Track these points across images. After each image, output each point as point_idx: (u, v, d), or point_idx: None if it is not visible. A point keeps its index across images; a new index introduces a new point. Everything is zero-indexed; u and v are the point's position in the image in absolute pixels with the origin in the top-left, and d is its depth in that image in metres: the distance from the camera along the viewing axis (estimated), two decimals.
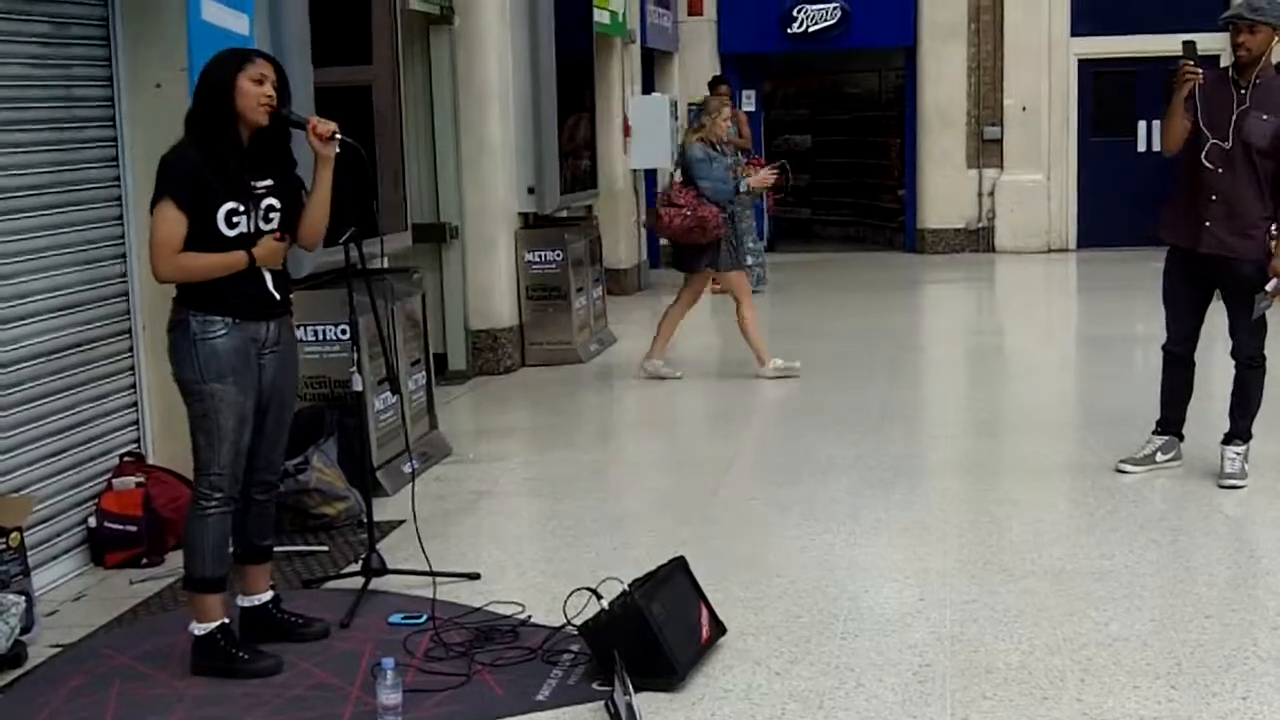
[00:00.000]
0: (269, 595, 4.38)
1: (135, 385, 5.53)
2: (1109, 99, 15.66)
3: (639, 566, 4.42)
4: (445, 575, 4.80)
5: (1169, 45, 7.26)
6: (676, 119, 13.32)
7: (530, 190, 9.39)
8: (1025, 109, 15.55)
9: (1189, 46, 5.60)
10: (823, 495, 5.94)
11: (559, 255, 9.44)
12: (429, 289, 7.58)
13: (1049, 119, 15.54)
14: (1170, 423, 6.08)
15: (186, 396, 4.03)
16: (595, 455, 7.09)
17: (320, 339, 6.00)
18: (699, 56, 15.76)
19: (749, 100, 16.08)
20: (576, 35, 10.45)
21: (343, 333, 5.87)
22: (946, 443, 7.06)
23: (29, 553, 4.57)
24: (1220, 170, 5.62)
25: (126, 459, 5.38)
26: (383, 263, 6.52)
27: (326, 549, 5.37)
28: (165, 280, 4.02)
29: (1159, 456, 6.06)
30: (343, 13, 6.53)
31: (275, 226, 4.09)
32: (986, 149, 15.74)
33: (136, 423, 5.55)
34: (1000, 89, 15.63)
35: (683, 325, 9.02)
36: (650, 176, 14.20)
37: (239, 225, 3.99)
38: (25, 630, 4.30)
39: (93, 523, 5.18)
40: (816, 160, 18.77)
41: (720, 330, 11.63)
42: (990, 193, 15.73)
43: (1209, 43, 7.24)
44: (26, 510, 4.65)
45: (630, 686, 3.70)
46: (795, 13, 15.86)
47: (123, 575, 5.09)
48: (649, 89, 14.15)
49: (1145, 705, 3.73)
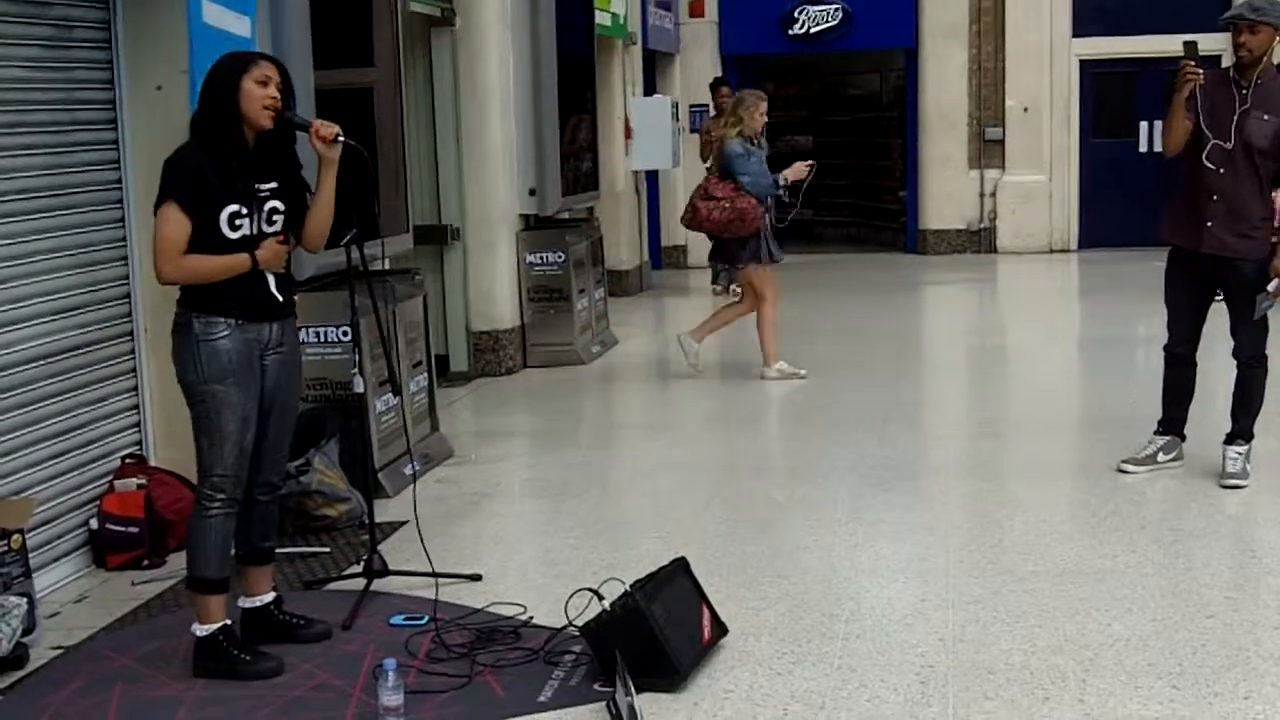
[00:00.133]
0: (271, 596, 4.38)
1: (137, 387, 5.53)
2: (1110, 100, 15.66)
3: (640, 567, 4.43)
4: (447, 576, 4.81)
5: (1170, 46, 7.26)
6: (678, 120, 13.32)
7: (531, 192, 9.39)
8: (1026, 110, 15.54)
9: (1190, 47, 5.60)
10: (825, 496, 5.94)
11: (560, 257, 9.44)
12: (430, 291, 7.58)
13: (1050, 120, 15.54)
14: (1172, 423, 6.08)
15: (189, 398, 4.04)
16: (597, 456, 7.10)
17: (322, 340, 6.01)
18: (700, 58, 15.77)
19: None
20: (578, 37, 10.45)
21: (344, 334, 5.88)
22: (948, 443, 7.06)
23: (30, 554, 4.57)
24: (1221, 170, 5.62)
25: (128, 461, 5.38)
26: (384, 264, 6.51)
27: (328, 550, 5.38)
28: (168, 282, 4.03)
29: (1161, 456, 6.06)
30: (344, 15, 6.53)
31: (278, 229, 4.10)
32: (988, 150, 15.73)
33: (138, 425, 5.55)
34: (1001, 90, 15.63)
35: (692, 324, 9.05)
36: (652, 178, 14.21)
37: (241, 228, 4.00)
38: (27, 632, 4.30)
39: (94, 524, 5.19)
40: (818, 161, 18.75)
41: (721, 330, 11.63)
42: (992, 193, 15.73)
43: (1210, 43, 7.25)
44: (28, 512, 4.65)
45: (632, 687, 3.70)
46: (796, 14, 15.86)
47: (124, 577, 5.09)
48: (650, 90, 14.16)
49: (1147, 705, 3.72)
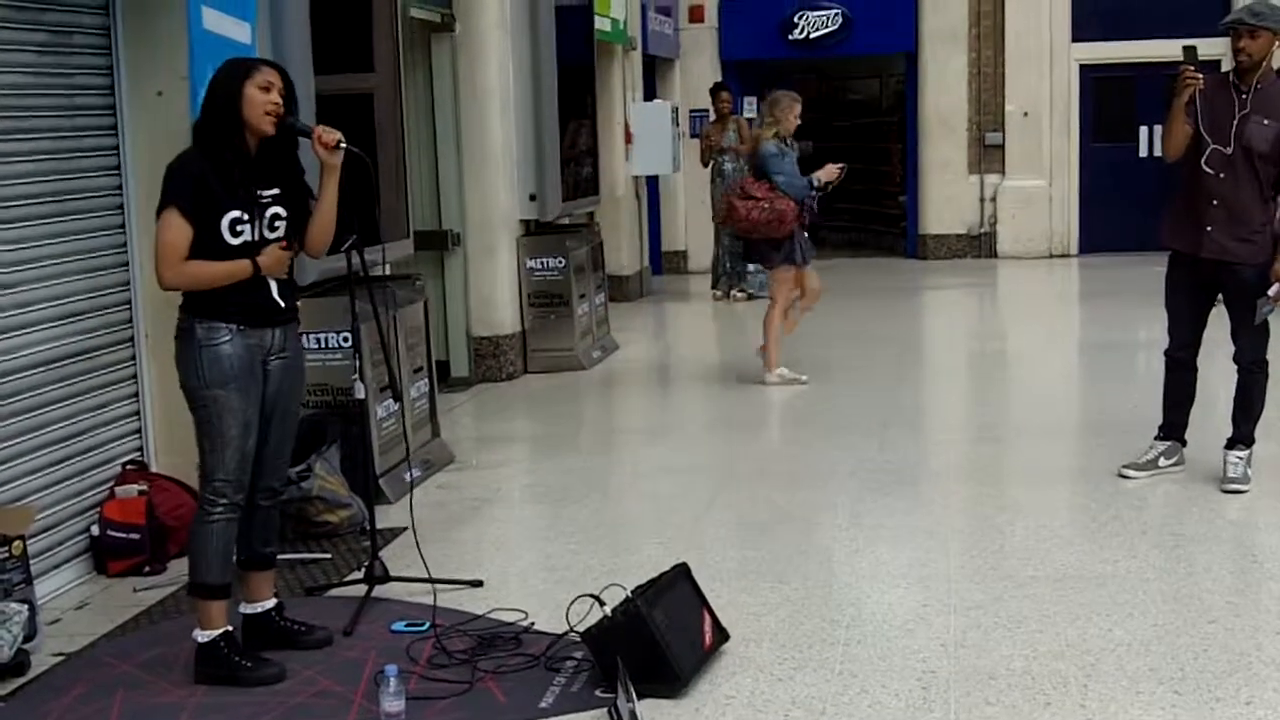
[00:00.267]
0: (272, 602, 4.38)
1: (138, 393, 5.53)
2: (1110, 104, 15.65)
3: (642, 573, 4.43)
4: (448, 582, 4.81)
5: (1170, 50, 7.26)
6: (678, 126, 13.32)
7: (532, 197, 9.39)
8: (1026, 114, 15.53)
9: (1189, 52, 5.61)
10: (825, 501, 5.94)
11: (561, 262, 9.44)
12: (431, 296, 7.57)
13: (1050, 124, 15.53)
14: (1173, 427, 6.08)
15: (191, 403, 4.04)
16: (598, 461, 7.09)
17: (322, 346, 6.00)
18: (700, 63, 15.77)
19: (750, 107, 16.05)
20: (577, 42, 10.45)
21: (345, 340, 5.87)
22: (949, 448, 7.06)
23: (32, 561, 4.56)
24: (1221, 175, 5.62)
25: (129, 467, 5.38)
26: (385, 270, 6.52)
27: (329, 556, 5.38)
28: (170, 288, 4.03)
29: (1162, 461, 6.06)
30: (344, 20, 6.53)
31: (281, 235, 4.10)
32: (988, 155, 15.72)
33: (139, 431, 5.55)
34: (1001, 95, 15.62)
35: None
36: (652, 183, 14.21)
37: (243, 234, 4.00)
38: (28, 638, 4.29)
39: (95, 531, 5.19)
40: (818, 166, 18.75)
41: (721, 335, 11.64)
42: (992, 198, 15.72)
43: (1209, 48, 7.24)
44: (29, 519, 4.65)
45: (633, 693, 3.70)
46: (796, 19, 15.85)
47: (126, 583, 5.09)
48: (650, 96, 14.16)
49: (1149, 710, 3.72)
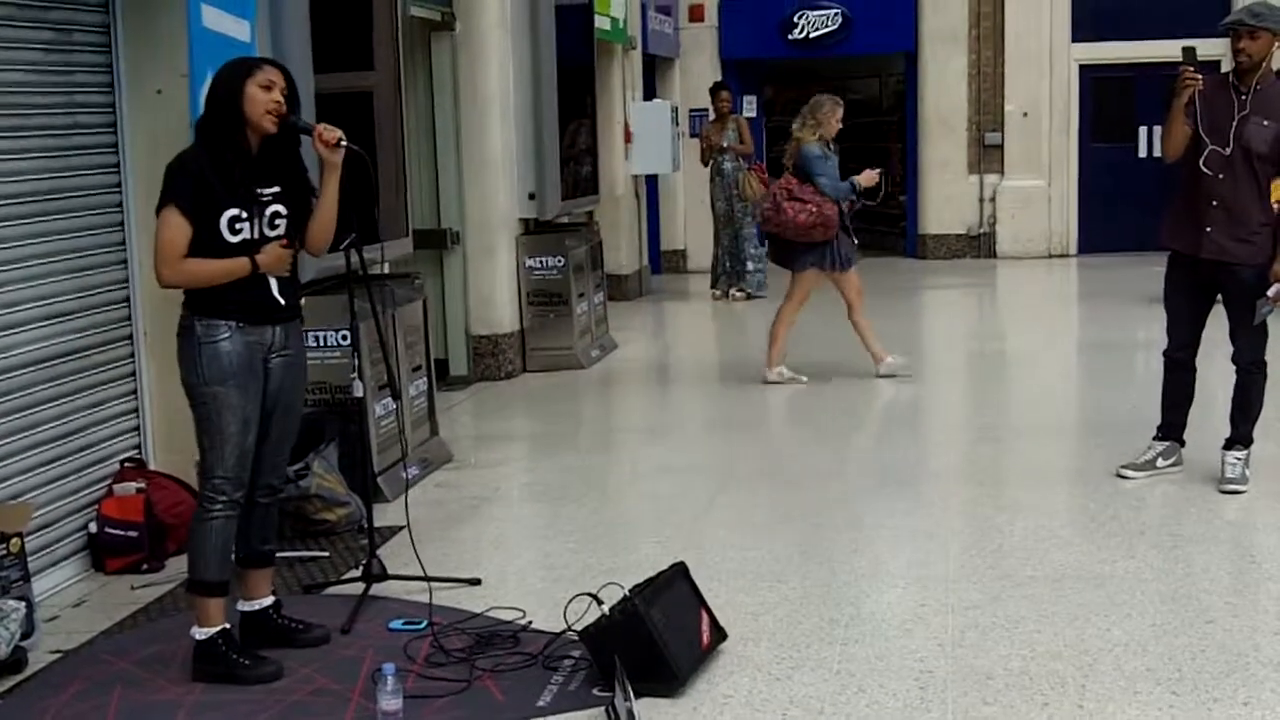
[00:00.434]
0: (270, 600, 4.38)
1: (136, 391, 5.53)
2: (1109, 105, 15.66)
3: (640, 572, 4.43)
4: (446, 581, 4.81)
5: (1169, 51, 7.26)
6: (677, 125, 13.32)
7: (531, 196, 9.39)
8: (1026, 115, 15.54)
9: (1189, 52, 5.61)
10: (824, 500, 5.94)
11: (560, 261, 9.44)
12: (430, 295, 7.57)
13: (1050, 125, 15.53)
14: (1171, 428, 6.08)
15: (191, 400, 4.05)
16: (596, 461, 7.09)
17: (321, 344, 6.00)
18: (700, 63, 15.77)
19: (750, 106, 16.07)
20: (577, 41, 10.45)
21: (344, 338, 5.87)
22: (948, 448, 7.06)
23: (29, 558, 4.57)
24: (1221, 176, 5.62)
25: (127, 464, 5.38)
26: (384, 268, 6.52)
27: (327, 554, 5.37)
28: (168, 285, 4.03)
29: (1160, 462, 6.06)
30: (344, 19, 6.53)
31: (282, 233, 4.10)
32: (987, 155, 15.73)
33: (137, 428, 5.55)
34: (1001, 95, 15.62)
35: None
36: (652, 182, 14.21)
37: (242, 231, 4.00)
38: (26, 636, 4.29)
39: (93, 528, 5.18)
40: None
41: (720, 334, 11.64)
42: (991, 198, 15.72)
43: (1209, 48, 7.24)
44: (26, 516, 4.65)
45: (631, 692, 3.70)
46: (796, 19, 15.85)
47: (123, 581, 5.08)
48: (650, 95, 14.16)
49: (1146, 711, 3.72)
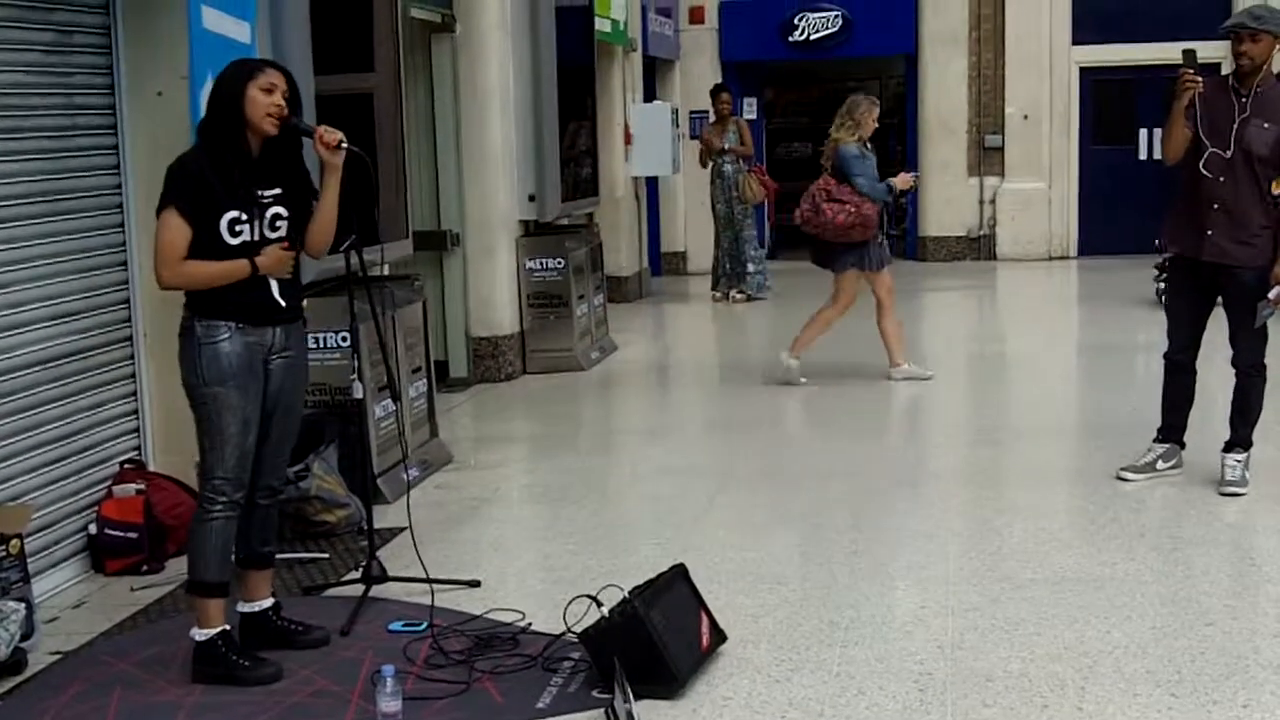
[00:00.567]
0: (270, 602, 4.38)
1: (136, 392, 5.53)
2: (1109, 107, 15.65)
3: (639, 574, 4.42)
4: (445, 582, 4.80)
5: (1169, 53, 7.27)
6: (677, 127, 13.32)
7: (531, 198, 9.39)
8: (1026, 117, 15.53)
9: (1189, 55, 5.61)
10: (824, 502, 5.94)
11: (560, 263, 9.43)
12: (430, 296, 7.57)
13: (1050, 127, 15.53)
14: (1171, 430, 6.08)
15: (191, 400, 4.06)
16: (596, 462, 7.09)
17: (321, 346, 5.99)
18: (700, 65, 15.77)
19: (750, 108, 16.07)
20: (578, 43, 10.45)
21: (343, 340, 5.87)
22: (947, 450, 7.06)
23: (29, 559, 4.57)
24: (1221, 179, 5.62)
25: (127, 466, 5.38)
26: (383, 270, 6.52)
27: (327, 556, 5.37)
28: (168, 287, 4.04)
29: (1160, 464, 6.06)
30: (344, 20, 6.53)
31: (283, 235, 4.10)
32: (988, 157, 15.72)
33: (137, 430, 5.55)
34: (1001, 97, 15.62)
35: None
36: (652, 184, 14.21)
37: (242, 234, 4.00)
38: (25, 637, 4.29)
39: (93, 529, 5.19)
40: (818, 168, 18.76)
41: (720, 336, 11.64)
42: (991, 200, 15.72)
43: (1209, 51, 7.25)
44: (26, 517, 4.65)
45: (630, 694, 3.70)
46: (796, 21, 15.85)
47: (123, 582, 5.09)
48: (650, 97, 14.16)
49: (1146, 713, 3.72)
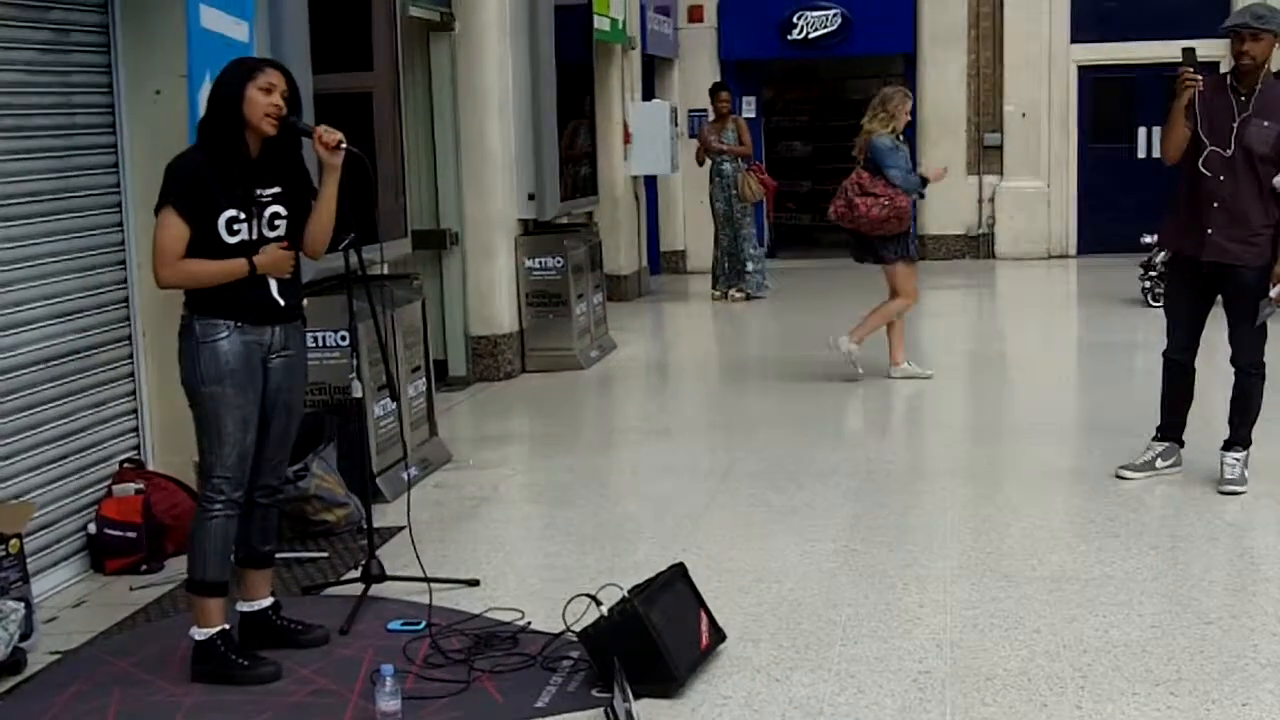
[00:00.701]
0: (269, 601, 4.38)
1: (135, 391, 5.53)
2: (1108, 105, 15.65)
3: (638, 573, 4.43)
4: (444, 581, 4.80)
5: (1168, 52, 7.28)
6: (676, 126, 13.32)
7: (530, 197, 9.39)
8: (1025, 116, 15.54)
9: (1188, 54, 5.61)
10: (823, 501, 5.94)
11: (559, 262, 9.43)
12: (429, 295, 7.57)
13: (1049, 126, 15.54)
14: (1170, 429, 6.08)
15: (190, 399, 4.06)
16: (595, 461, 7.09)
17: (320, 345, 5.99)
18: (699, 63, 15.77)
19: (749, 107, 16.07)
20: (577, 42, 10.45)
21: (342, 339, 5.87)
22: (947, 448, 7.06)
23: (28, 559, 4.57)
24: (1221, 178, 5.62)
25: (126, 465, 5.38)
26: (383, 269, 6.52)
27: (326, 555, 5.37)
28: (167, 286, 4.04)
29: (1159, 463, 6.06)
30: (343, 19, 6.53)
31: (281, 234, 4.10)
32: (986, 155, 15.73)
33: (136, 429, 5.55)
34: (1000, 96, 15.63)
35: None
36: (651, 183, 14.21)
37: (239, 233, 4.01)
38: (25, 637, 4.29)
39: (92, 529, 5.18)
40: (817, 167, 18.77)
41: (719, 335, 11.64)
42: (990, 199, 15.73)
43: (1207, 49, 7.25)
44: (26, 516, 4.65)
45: (630, 693, 3.70)
46: (795, 19, 15.85)
47: (122, 581, 5.08)
48: (649, 95, 14.16)
49: (1145, 712, 3.72)
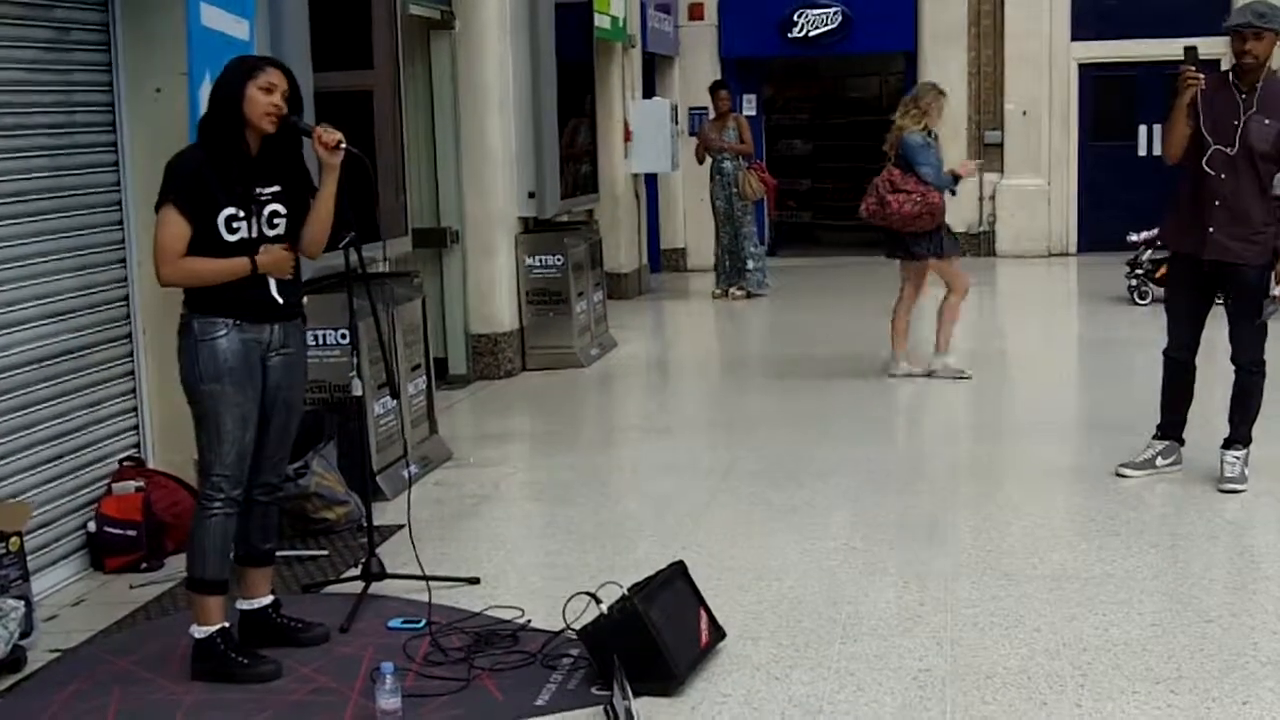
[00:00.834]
0: (269, 599, 4.38)
1: (135, 389, 5.53)
2: (1109, 103, 15.64)
3: (638, 571, 4.43)
4: (444, 580, 4.81)
5: (1169, 50, 7.27)
6: (676, 123, 13.31)
7: (531, 195, 9.39)
8: (1025, 113, 15.53)
9: (1190, 52, 5.60)
10: (823, 499, 5.94)
11: (559, 260, 9.43)
12: (429, 293, 7.57)
13: (1049, 124, 15.53)
14: (1171, 427, 6.08)
15: (190, 397, 4.06)
16: (595, 460, 7.09)
17: (320, 343, 5.99)
18: (700, 61, 15.77)
19: (750, 105, 16.07)
20: (577, 40, 10.45)
21: (343, 337, 5.87)
22: (947, 447, 7.06)
23: (28, 557, 4.57)
24: (1223, 176, 5.61)
25: (126, 463, 5.38)
26: (383, 267, 6.52)
27: (326, 553, 5.37)
28: (167, 284, 4.05)
29: (1159, 461, 6.06)
30: (343, 17, 6.53)
31: (281, 232, 4.11)
32: (987, 153, 15.71)
33: (136, 427, 5.55)
34: (1000, 93, 15.62)
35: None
36: (651, 181, 14.21)
37: (239, 231, 4.01)
38: (24, 635, 4.30)
39: (92, 527, 5.18)
40: (817, 165, 18.78)
41: (720, 333, 11.64)
42: (991, 197, 15.72)
43: (1209, 47, 7.24)
44: (25, 515, 4.65)
45: (629, 691, 3.71)
46: (796, 17, 15.84)
47: (122, 580, 5.09)
48: (649, 93, 14.16)
49: (1145, 710, 3.72)
